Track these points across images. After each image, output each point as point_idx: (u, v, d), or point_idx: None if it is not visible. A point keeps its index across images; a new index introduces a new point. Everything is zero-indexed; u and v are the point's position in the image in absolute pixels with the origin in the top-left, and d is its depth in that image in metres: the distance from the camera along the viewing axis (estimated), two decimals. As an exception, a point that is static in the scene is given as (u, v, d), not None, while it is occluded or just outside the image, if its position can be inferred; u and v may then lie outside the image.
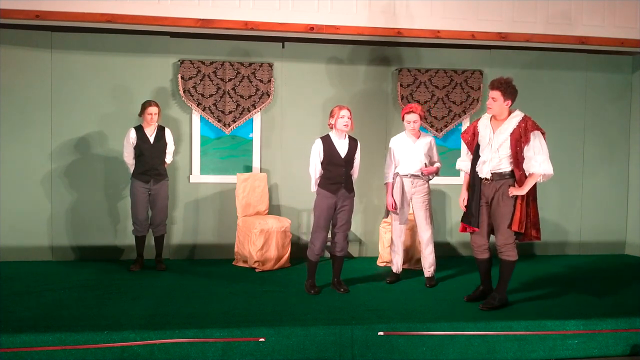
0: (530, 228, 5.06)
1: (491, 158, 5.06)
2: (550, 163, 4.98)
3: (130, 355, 4.33)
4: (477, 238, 5.30)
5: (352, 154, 5.59)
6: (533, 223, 5.08)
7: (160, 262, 6.55)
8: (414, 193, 5.98)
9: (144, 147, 6.31)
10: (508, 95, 5.05)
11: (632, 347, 4.79)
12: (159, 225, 6.49)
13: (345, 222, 5.62)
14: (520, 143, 4.97)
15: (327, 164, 5.54)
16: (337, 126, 5.51)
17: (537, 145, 4.96)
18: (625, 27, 6.94)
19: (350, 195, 5.62)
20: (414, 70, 7.38)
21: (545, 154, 4.97)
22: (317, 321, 4.72)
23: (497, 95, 5.06)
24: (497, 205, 5.10)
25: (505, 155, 5.04)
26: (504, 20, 6.75)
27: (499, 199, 5.08)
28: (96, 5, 6.09)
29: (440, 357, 4.60)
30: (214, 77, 7.04)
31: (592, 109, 7.82)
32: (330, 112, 5.59)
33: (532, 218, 5.07)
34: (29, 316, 4.74)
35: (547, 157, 4.98)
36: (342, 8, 6.51)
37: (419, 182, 5.96)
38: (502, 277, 5.22)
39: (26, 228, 6.84)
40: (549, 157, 5.00)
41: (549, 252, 7.78)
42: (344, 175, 5.56)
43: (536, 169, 4.94)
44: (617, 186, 7.93)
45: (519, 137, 4.97)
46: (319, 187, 5.58)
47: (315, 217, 5.60)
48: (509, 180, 5.06)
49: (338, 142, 5.55)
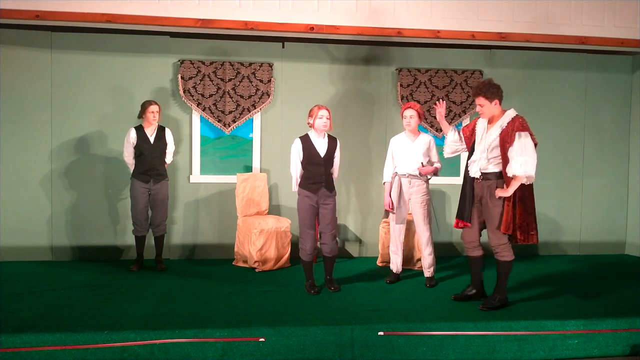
0: (516, 230, 4.99)
1: (480, 158, 5.09)
2: (532, 165, 4.85)
3: (130, 355, 4.33)
4: (467, 234, 5.31)
5: (331, 153, 5.59)
6: (518, 225, 4.97)
7: (160, 262, 6.55)
8: (412, 193, 5.97)
9: (144, 147, 6.31)
10: (492, 96, 5.03)
11: (632, 347, 4.79)
12: (159, 225, 6.49)
13: (329, 222, 5.59)
14: (506, 143, 4.94)
15: (306, 164, 5.55)
16: (316, 126, 5.51)
17: (521, 145, 4.87)
18: (625, 27, 6.94)
19: (331, 194, 5.61)
20: (414, 70, 7.38)
21: (528, 155, 4.85)
22: (317, 321, 4.72)
23: (481, 100, 5.07)
24: (486, 206, 5.11)
25: (494, 155, 5.04)
26: (504, 20, 6.75)
27: (487, 199, 5.09)
28: (96, 5, 6.09)
29: (440, 357, 4.60)
30: (214, 77, 7.04)
31: (592, 109, 7.82)
32: (310, 111, 5.58)
33: (517, 220, 4.97)
34: (29, 316, 4.74)
35: (531, 158, 4.85)
36: (342, 8, 6.51)
37: (417, 182, 5.95)
38: (499, 278, 5.21)
39: (26, 228, 6.84)
40: (534, 158, 4.88)
41: (549, 252, 7.78)
42: (323, 175, 5.56)
43: (516, 170, 4.85)
44: (617, 186, 7.92)
45: (506, 137, 4.95)
46: (300, 187, 5.60)
47: (299, 218, 5.61)
48: (497, 181, 5.04)
49: (317, 141, 5.56)
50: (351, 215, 7.43)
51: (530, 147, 4.89)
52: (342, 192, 7.37)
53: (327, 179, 5.60)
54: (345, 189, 7.40)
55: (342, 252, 7.42)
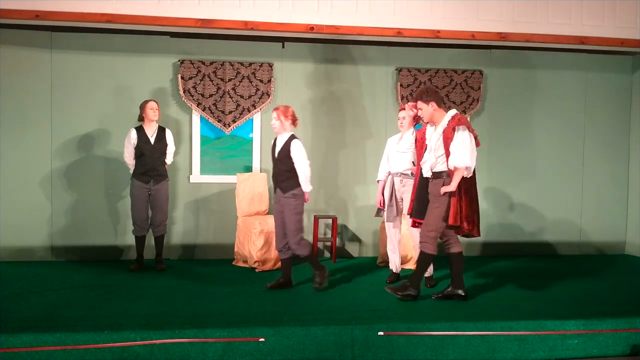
0: (463, 221, 5.15)
1: (429, 158, 5.30)
2: (470, 156, 5.06)
3: (130, 355, 4.33)
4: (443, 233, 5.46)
5: (284, 151, 5.52)
6: (465, 216, 5.14)
7: (160, 262, 6.55)
8: (404, 192, 5.96)
9: (145, 148, 6.31)
10: (428, 99, 5.26)
11: (632, 347, 4.79)
12: (159, 225, 6.49)
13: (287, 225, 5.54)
14: (449, 140, 5.16)
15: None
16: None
17: (459, 139, 5.09)
18: (625, 27, 6.94)
19: (284, 196, 5.52)
20: (414, 70, 7.38)
21: (465, 147, 5.07)
22: (317, 321, 4.71)
23: (419, 104, 5.33)
24: (430, 201, 5.30)
25: (441, 154, 5.23)
26: (504, 20, 6.75)
27: (432, 196, 5.27)
28: (96, 5, 6.09)
29: (440, 357, 4.60)
30: (214, 77, 7.04)
31: (592, 108, 7.82)
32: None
33: (464, 211, 5.13)
34: (29, 316, 4.74)
35: (468, 150, 5.07)
36: (342, 8, 6.51)
37: (408, 182, 5.94)
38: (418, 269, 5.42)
39: (26, 228, 6.84)
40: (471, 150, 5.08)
41: (549, 252, 7.78)
42: (276, 175, 5.60)
43: (453, 161, 5.08)
44: (617, 186, 7.93)
45: (448, 134, 5.16)
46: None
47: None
48: (444, 179, 5.21)
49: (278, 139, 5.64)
50: (351, 216, 7.43)
51: (468, 140, 5.09)
52: (342, 192, 7.37)
53: (280, 179, 5.56)
54: (345, 190, 7.40)
55: (342, 252, 7.42)
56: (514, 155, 7.67)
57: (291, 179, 5.51)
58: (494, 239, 7.67)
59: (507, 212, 7.69)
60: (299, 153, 5.50)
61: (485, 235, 7.59)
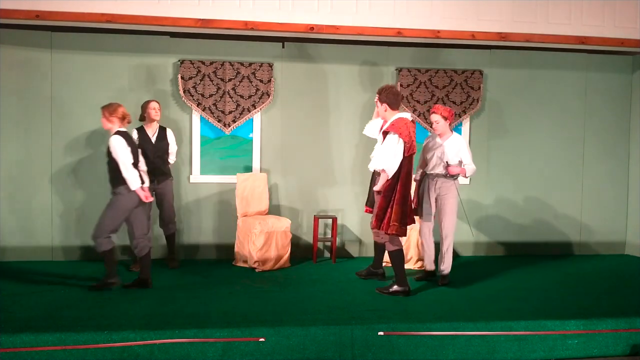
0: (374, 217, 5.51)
1: (372, 155, 5.71)
2: (388, 160, 5.30)
3: (130, 355, 4.33)
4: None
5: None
6: (375, 214, 5.46)
7: (173, 259, 6.57)
8: (439, 193, 5.97)
9: (146, 148, 6.31)
10: (382, 100, 5.56)
11: (632, 347, 4.79)
12: (169, 223, 6.51)
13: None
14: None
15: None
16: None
17: (385, 143, 5.41)
18: (625, 27, 6.94)
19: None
20: (414, 70, 7.38)
21: (386, 151, 5.34)
22: (317, 321, 4.72)
23: (376, 99, 5.63)
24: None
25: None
26: (504, 20, 6.75)
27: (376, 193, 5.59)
28: (96, 5, 6.09)
29: (440, 357, 4.61)
30: (214, 77, 7.04)
31: (592, 108, 7.82)
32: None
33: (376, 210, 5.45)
34: (29, 316, 4.74)
35: (389, 154, 5.31)
36: (342, 8, 6.51)
37: (442, 182, 5.93)
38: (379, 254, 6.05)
39: (26, 228, 6.84)
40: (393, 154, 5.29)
41: (549, 252, 7.77)
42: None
43: (373, 164, 5.58)
44: (617, 186, 7.92)
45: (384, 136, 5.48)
46: None
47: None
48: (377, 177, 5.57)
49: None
50: (351, 216, 7.43)
51: (392, 145, 5.33)
52: (342, 192, 7.37)
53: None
54: (345, 189, 7.39)
55: (342, 252, 7.42)
56: (514, 155, 7.67)
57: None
58: (494, 238, 7.67)
59: (507, 212, 7.69)
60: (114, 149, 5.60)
61: (485, 235, 7.60)
